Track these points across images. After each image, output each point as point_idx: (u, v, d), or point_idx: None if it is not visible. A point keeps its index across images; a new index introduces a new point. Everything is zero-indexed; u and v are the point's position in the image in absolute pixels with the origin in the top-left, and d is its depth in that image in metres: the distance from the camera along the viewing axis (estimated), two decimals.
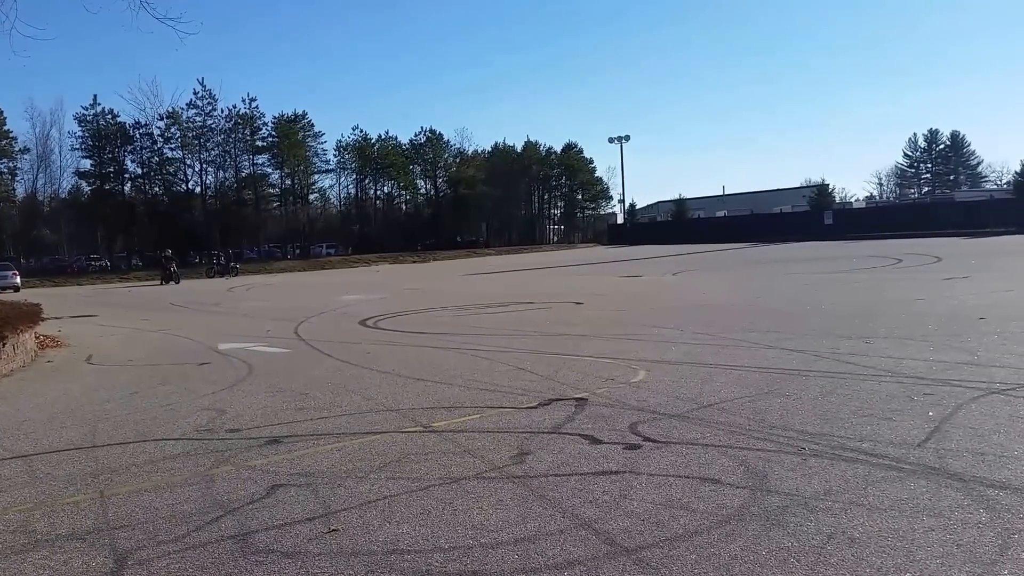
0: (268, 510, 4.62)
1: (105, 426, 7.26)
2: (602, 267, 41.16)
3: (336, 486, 5.05)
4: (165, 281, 44.21)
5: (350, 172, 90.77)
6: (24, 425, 7.47)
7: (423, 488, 4.93)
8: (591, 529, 4.09)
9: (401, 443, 6.13)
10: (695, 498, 4.51)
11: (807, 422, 6.19)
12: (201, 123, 75.77)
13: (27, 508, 4.87)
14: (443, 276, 39.24)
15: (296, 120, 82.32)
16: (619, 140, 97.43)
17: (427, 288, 28.87)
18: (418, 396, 8.02)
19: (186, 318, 20.30)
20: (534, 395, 7.75)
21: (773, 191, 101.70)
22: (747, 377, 8.20)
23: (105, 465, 5.85)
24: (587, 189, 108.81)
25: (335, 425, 6.88)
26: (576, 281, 29.73)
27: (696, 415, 6.58)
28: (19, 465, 5.98)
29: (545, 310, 17.76)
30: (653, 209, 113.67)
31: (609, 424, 6.39)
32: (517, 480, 5.01)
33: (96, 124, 73.02)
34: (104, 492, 5.14)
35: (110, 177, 74.89)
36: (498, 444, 5.94)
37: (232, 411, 7.67)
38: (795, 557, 3.65)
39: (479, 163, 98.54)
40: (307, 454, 5.92)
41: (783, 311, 15.08)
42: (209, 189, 78.67)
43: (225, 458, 5.89)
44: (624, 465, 5.22)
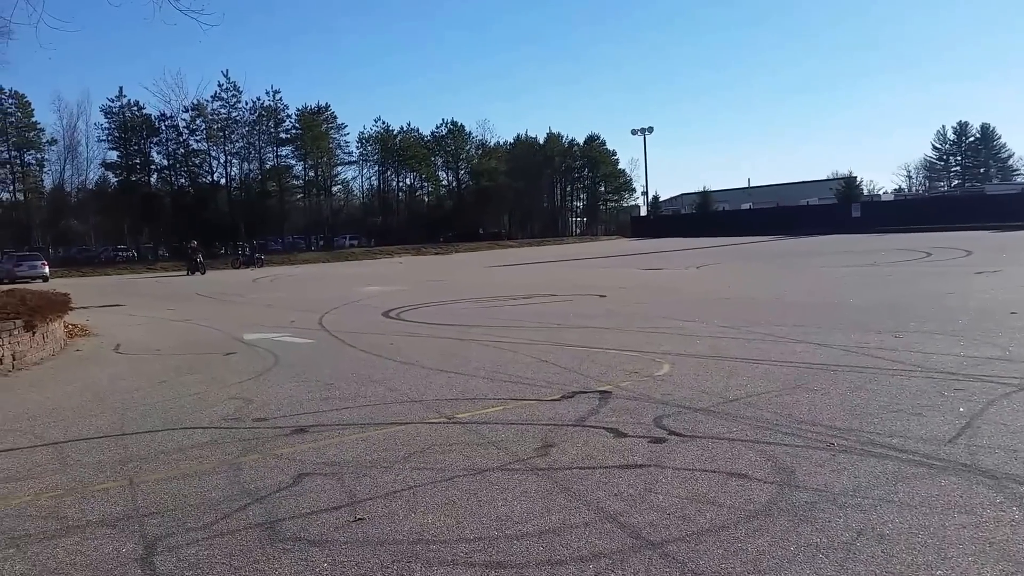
0: (295, 498, 4.65)
1: (134, 414, 7.35)
2: (625, 260, 41.00)
3: (361, 475, 5.08)
4: (191, 272, 44.63)
5: (372, 164, 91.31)
6: (54, 413, 7.57)
7: (447, 479, 4.94)
8: (616, 522, 4.08)
9: (425, 434, 6.15)
10: (722, 493, 4.48)
11: (836, 417, 6.13)
12: (226, 115, 76.45)
13: (58, 494, 4.94)
14: (465, 268, 39.29)
15: (319, 112, 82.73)
16: (642, 132, 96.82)
17: (449, 280, 28.92)
18: (441, 387, 8.04)
19: (212, 308, 20.49)
20: (557, 387, 7.73)
21: (799, 183, 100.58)
22: (774, 371, 8.14)
23: (134, 453, 5.92)
24: (610, 181, 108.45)
25: (360, 415, 6.92)
26: (599, 274, 29.64)
27: (722, 409, 6.54)
28: (50, 452, 6.07)
29: (568, 303, 17.72)
30: (677, 201, 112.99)
31: (634, 417, 6.37)
32: (541, 472, 5.01)
33: (122, 116, 73.82)
34: (133, 479, 5.21)
35: (136, 168, 75.71)
36: (522, 436, 5.94)
37: (258, 400, 7.73)
38: (824, 553, 3.62)
39: (501, 155, 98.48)
40: (332, 443, 5.96)
41: (810, 305, 14.94)
42: (234, 181, 79.34)
43: (252, 447, 5.94)
44: (649, 459, 5.20)
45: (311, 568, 3.66)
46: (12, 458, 5.92)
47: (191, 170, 77.44)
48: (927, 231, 53.83)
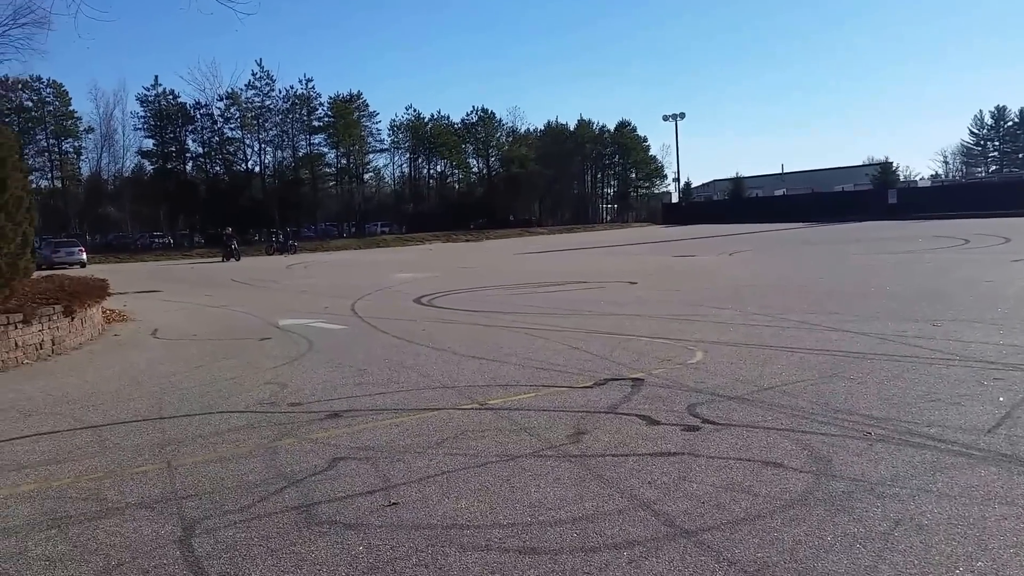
0: (330, 482, 4.70)
1: (171, 398, 7.46)
2: (656, 247, 40.76)
3: (395, 460, 5.11)
4: (226, 258, 45.17)
5: (403, 151, 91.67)
6: (93, 397, 7.71)
7: (480, 465, 4.96)
8: (650, 510, 4.06)
9: (458, 420, 6.17)
10: (757, 481, 4.44)
11: (873, 406, 6.05)
12: (259, 103, 77.19)
13: (98, 477, 5.03)
14: (495, 255, 39.32)
15: (351, 100, 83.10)
16: (674, 118, 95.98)
17: (480, 267, 28.97)
18: (473, 374, 8.06)
19: (247, 294, 20.73)
20: (589, 375, 7.72)
21: (834, 169, 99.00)
22: (809, 360, 8.04)
23: (172, 436, 6.01)
24: (641, 168, 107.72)
25: (393, 401, 6.96)
26: (630, 261, 29.51)
27: (757, 397, 6.48)
28: (89, 435, 6.18)
29: (598, 290, 17.66)
30: (709, 188, 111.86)
31: (666, 405, 6.33)
32: (574, 459, 5.00)
33: (158, 104, 74.78)
34: (171, 462, 5.29)
35: (172, 156, 76.71)
36: (554, 423, 5.94)
37: (293, 385, 7.81)
38: (861, 543, 3.58)
39: (531, 142, 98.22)
40: (366, 428, 6.00)
41: (846, 292, 14.74)
42: (268, 168, 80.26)
43: (287, 431, 6.01)
44: (683, 447, 5.17)
45: (347, 551, 3.69)
46: (53, 441, 6.03)
47: (226, 158, 78.35)
48: (964, 218, 52.88)
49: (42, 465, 5.36)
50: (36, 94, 71.98)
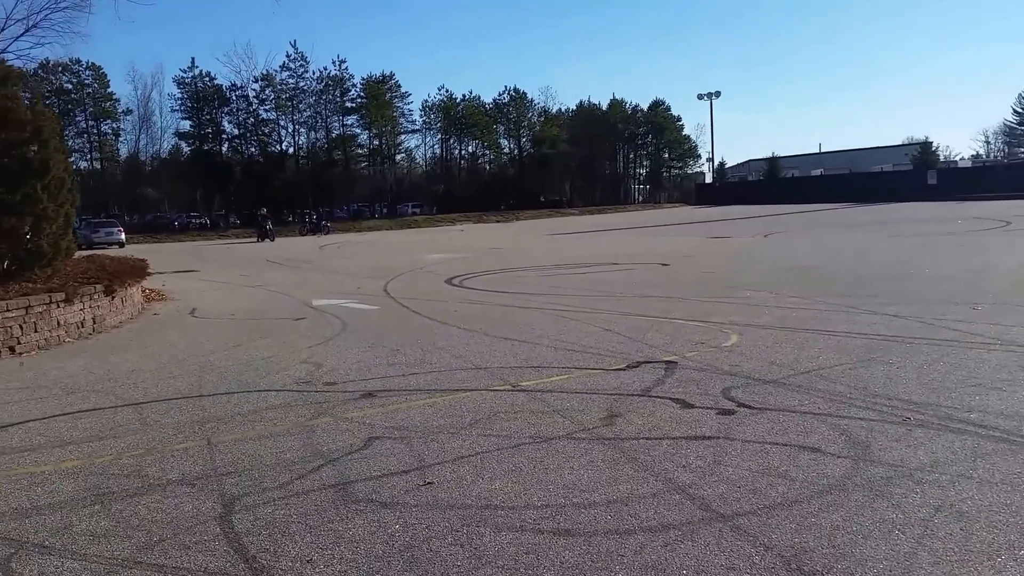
0: (366, 461, 4.75)
1: (210, 376, 7.58)
2: (689, 228, 40.41)
3: (429, 440, 5.15)
4: (261, 239, 45.63)
5: (435, 132, 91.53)
6: (134, 375, 7.85)
7: (514, 446, 4.98)
8: (685, 494, 4.05)
9: (490, 401, 6.20)
10: (794, 466, 4.41)
11: (912, 391, 5.96)
12: (293, 85, 77.37)
13: (139, 454, 5.13)
14: (527, 236, 39.26)
15: (383, 81, 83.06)
16: (709, 96, 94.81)
17: (511, 248, 28.96)
18: (505, 355, 8.08)
19: (282, 274, 20.94)
20: (621, 357, 7.70)
21: (873, 149, 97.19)
22: (847, 343, 7.94)
23: (211, 414, 6.11)
24: (674, 148, 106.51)
25: (426, 381, 7.01)
26: (662, 242, 29.31)
27: (793, 381, 6.41)
28: (131, 413, 6.30)
29: (630, 271, 17.58)
30: (744, 168, 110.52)
31: (701, 388, 6.30)
32: (607, 442, 5.00)
33: (194, 86, 75.29)
34: (211, 440, 5.38)
35: (208, 138, 77.32)
36: (587, 405, 5.94)
37: (328, 365, 7.90)
38: (900, 529, 3.54)
39: (563, 122, 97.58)
40: (400, 408, 6.05)
41: (884, 275, 14.50)
42: (301, 150, 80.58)
43: (323, 410, 6.08)
44: (718, 431, 5.15)
45: (383, 529, 3.74)
46: (95, 418, 6.17)
47: (260, 139, 78.81)
48: (1006, 199, 51.71)
49: (85, 442, 5.47)
50: (75, 76, 72.89)
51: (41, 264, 11.51)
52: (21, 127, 11.17)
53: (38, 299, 9.85)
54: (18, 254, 11.35)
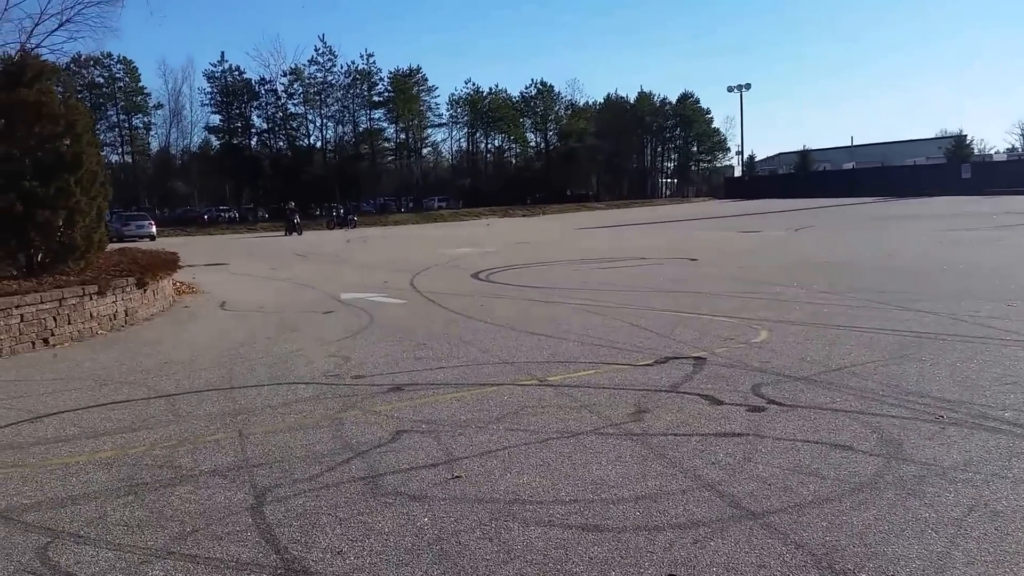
0: (394, 454, 4.78)
1: (241, 369, 7.67)
2: (718, 222, 40.10)
3: (457, 434, 5.17)
4: (289, 232, 46.00)
5: (462, 126, 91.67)
6: (166, 367, 7.96)
7: (541, 441, 4.98)
8: (715, 491, 4.03)
9: (518, 395, 6.20)
10: (825, 464, 4.37)
11: (945, 389, 5.88)
12: (322, 79, 77.84)
13: (172, 445, 5.20)
14: (553, 230, 39.19)
15: (411, 75, 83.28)
16: (739, 89, 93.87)
17: (537, 242, 28.93)
18: (532, 349, 8.08)
19: (309, 268, 21.11)
20: (649, 352, 7.66)
21: (905, 142, 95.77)
22: (878, 340, 7.84)
23: (242, 406, 6.18)
24: (703, 141, 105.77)
25: (453, 375, 7.03)
26: (690, 236, 29.11)
27: (824, 378, 6.35)
28: (163, 404, 6.39)
29: (658, 266, 17.48)
30: (774, 161, 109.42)
31: (730, 385, 6.26)
32: (636, 438, 4.99)
33: (224, 81, 76.02)
34: (242, 431, 5.44)
35: (238, 132, 78.03)
36: (615, 400, 5.92)
37: (356, 358, 7.95)
38: (933, 529, 3.50)
39: (590, 115, 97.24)
40: (428, 402, 6.08)
41: (916, 270, 14.31)
42: (329, 143, 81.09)
43: (352, 403, 6.12)
44: (748, 427, 5.11)
45: (412, 522, 3.76)
46: (128, 409, 6.26)
47: (289, 133, 79.43)
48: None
49: (118, 433, 5.56)
50: (107, 71, 73.92)
51: (74, 257, 11.69)
52: (55, 121, 11.33)
53: (71, 291, 10.00)
54: (51, 247, 11.53)
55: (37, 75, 11.87)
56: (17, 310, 9.18)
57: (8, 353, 8.96)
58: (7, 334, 9.04)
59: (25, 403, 6.56)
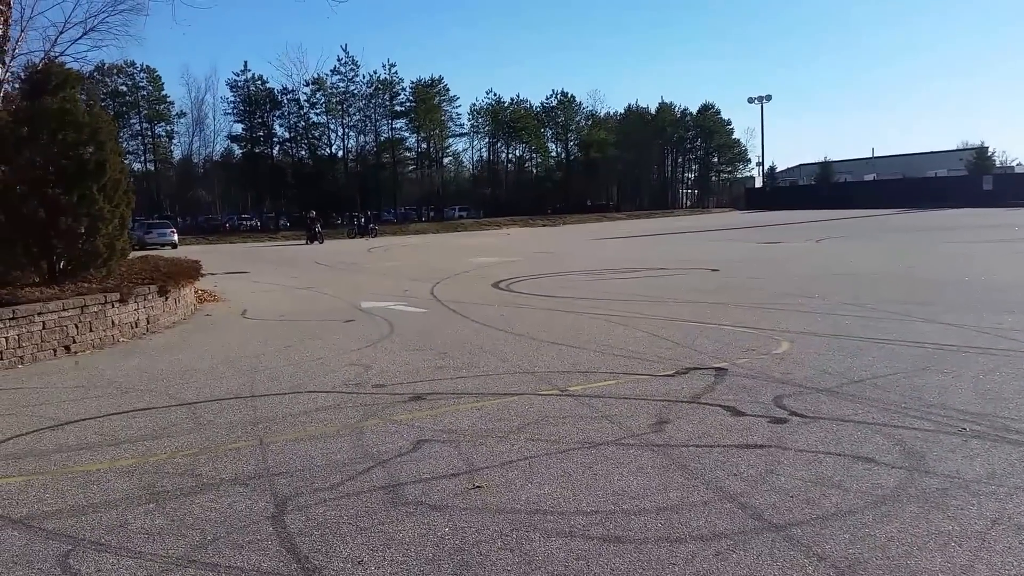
0: (415, 463, 4.79)
1: (262, 377, 7.71)
2: (739, 233, 39.90)
3: (478, 444, 5.17)
4: (310, 241, 46.27)
5: (483, 135, 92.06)
6: (187, 375, 8.02)
7: (562, 451, 4.97)
8: (737, 503, 4.00)
9: (538, 405, 6.19)
10: (847, 476, 4.33)
11: (968, 401, 5.82)
12: (344, 89, 78.40)
13: (193, 453, 5.24)
14: (573, 240, 39.17)
15: (432, 85, 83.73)
16: (759, 100, 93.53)
17: (558, 252, 28.91)
18: (553, 359, 8.07)
19: (330, 276, 21.21)
20: (670, 363, 7.63)
21: (927, 154, 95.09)
22: (901, 352, 7.77)
23: (263, 414, 6.21)
24: (724, 152, 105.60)
25: (474, 385, 7.03)
26: (711, 247, 28.98)
27: (846, 390, 6.30)
28: (184, 412, 6.43)
29: (679, 276, 17.42)
30: (795, 172, 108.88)
31: (751, 396, 6.22)
32: (657, 448, 4.96)
33: (247, 90, 76.76)
34: (263, 440, 5.47)
35: (260, 141, 78.70)
36: (635, 411, 5.90)
37: (377, 367, 7.97)
38: (956, 542, 3.46)
39: (611, 126, 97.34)
40: (448, 411, 6.09)
41: (939, 282, 14.16)
42: (351, 153, 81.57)
43: (372, 412, 6.14)
44: (769, 439, 5.07)
45: (433, 532, 3.76)
46: (149, 417, 6.31)
47: (311, 142, 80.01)
48: None
49: (139, 440, 5.60)
50: (130, 79, 74.85)
51: (96, 264, 11.79)
52: (78, 129, 11.44)
53: (93, 299, 10.11)
54: (74, 254, 11.63)
55: (61, 83, 12.03)
56: (39, 317, 9.29)
57: (30, 360, 9.07)
58: (29, 341, 9.14)
59: (47, 410, 6.63)
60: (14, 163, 11.01)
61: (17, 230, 10.94)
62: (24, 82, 13.53)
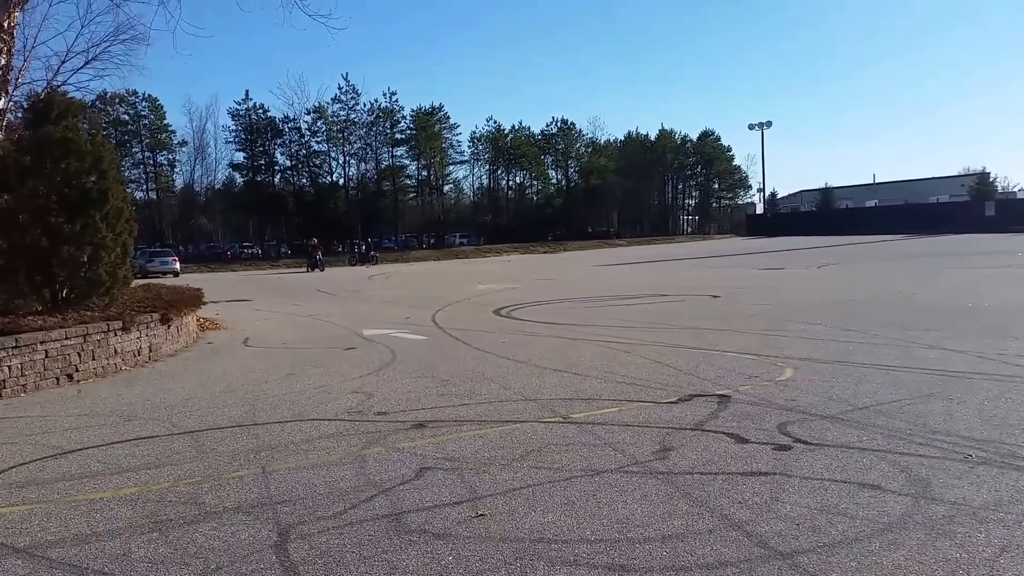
0: (418, 492, 4.76)
1: (264, 405, 7.70)
2: (740, 259, 39.96)
3: (481, 472, 5.15)
4: (311, 268, 46.39)
5: (483, 163, 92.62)
6: (190, 403, 8.01)
7: (566, 479, 4.94)
8: (742, 531, 3.98)
9: (541, 433, 6.17)
10: (853, 504, 4.30)
11: (973, 427, 5.79)
12: (345, 117, 79.03)
13: (196, 481, 5.21)
14: (574, 266, 39.23)
15: (433, 113, 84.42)
16: (760, 126, 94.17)
17: (558, 278, 28.95)
18: (555, 387, 8.05)
19: (332, 304, 21.23)
20: (673, 390, 7.62)
21: (928, 179, 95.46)
22: (905, 378, 7.75)
23: (265, 442, 6.20)
24: (724, 178, 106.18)
25: (476, 412, 7.01)
26: (712, 274, 29.01)
27: (851, 417, 6.28)
28: (187, 440, 6.41)
29: (680, 303, 17.43)
30: (796, 198, 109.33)
31: (755, 423, 6.20)
32: (661, 476, 4.94)
33: (248, 118, 77.44)
34: (266, 468, 5.45)
35: (261, 169, 79.25)
36: (639, 438, 5.88)
37: (379, 394, 7.96)
38: (964, 569, 3.44)
39: (611, 152, 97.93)
40: (451, 439, 6.07)
41: (942, 308, 14.16)
42: (351, 180, 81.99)
43: (375, 439, 6.12)
44: (774, 466, 5.05)
45: (436, 561, 3.73)
46: (152, 445, 6.29)
47: (312, 170, 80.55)
48: None
49: (142, 469, 5.58)
50: (132, 108, 75.54)
51: (99, 293, 11.80)
52: (81, 158, 11.49)
53: (96, 327, 10.11)
54: (76, 282, 11.63)
55: (63, 112, 12.11)
56: (42, 346, 9.29)
57: (33, 389, 9.06)
58: (32, 370, 9.14)
59: (49, 439, 6.61)
60: (17, 192, 11.04)
61: (20, 258, 10.96)
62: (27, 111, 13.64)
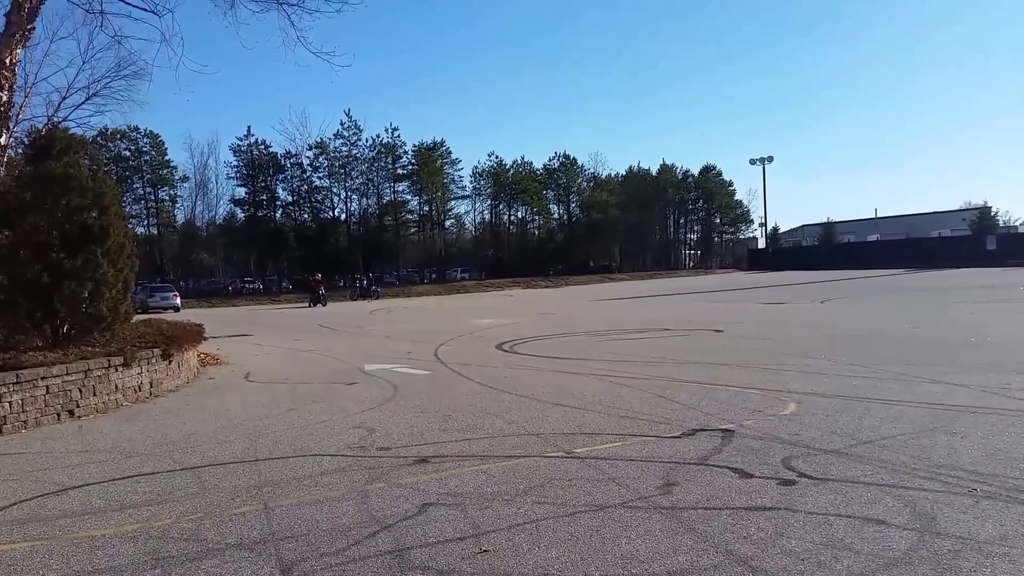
0: (421, 527, 4.74)
1: (266, 441, 7.67)
2: (742, 293, 39.96)
3: (484, 507, 5.12)
4: (313, 304, 46.36)
5: (485, 198, 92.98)
6: (191, 439, 7.99)
7: (569, 514, 4.92)
8: (747, 566, 3.95)
9: (544, 468, 6.15)
10: (858, 539, 4.28)
11: (978, 462, 5.77)
12: (347, 152, 79.47)
13: (197, 517, 5.19)
14: (576, 301, 39.24)
15: (435, 148, 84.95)
16: (761, 161, 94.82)
17: (561, 313, 28.94)
18: (558, 421, 8.03)
19: (334, 339, 21.21)
20: (677, 424, 7.60)
21: (930, 214, 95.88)
22: (909, 413, 7.73)
23: (267, 478, 6.17)
24: (726, 212, 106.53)
25: (479, 447, 6.99)
26: (715, 308, 29.01)
27: (855, 451, 6.25)
28: (188, 476, 6.39)
29: (683, 337, 17.41)
30: (798, 233, 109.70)
31: (759, 458, 6.17)
32: (665, 511, 4.92)
33: (250, 154, 77.83)
34: (268, 504, 5.42)
35: (263, 204, 79.48)
36: (643, 473, 5.86)
37: (381, 430, 7.94)
38: None
39: (613, 187, 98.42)
40: (454, 474, 6.04)
41: (945, 342, 14.15)
42: (353, 216, 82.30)
43: (377, 475, 6.10)
44: (779, 501, 5.02)
45: None
46: (153, 482, 6.27)
47: (313, 206, 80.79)
48: None
49: (144, 505, 5.56)
50: (133, 144, 75.89)
51: (100, 328, 11.79)
52: (82, 194, 11.53)
53: (97, 363, 10.11)
54: (78, 318, 11.62)
55: (65, 148, 12.17)
56: (43, 381, 9.29)
57: (34, 425, 9.03)
58: (33, 406, 9.12)
59: (51, 475, 6.59)
60: (18, 228, 11.10)
61: (21, 294, 10.98)
62: (28, 147, 13.72)
